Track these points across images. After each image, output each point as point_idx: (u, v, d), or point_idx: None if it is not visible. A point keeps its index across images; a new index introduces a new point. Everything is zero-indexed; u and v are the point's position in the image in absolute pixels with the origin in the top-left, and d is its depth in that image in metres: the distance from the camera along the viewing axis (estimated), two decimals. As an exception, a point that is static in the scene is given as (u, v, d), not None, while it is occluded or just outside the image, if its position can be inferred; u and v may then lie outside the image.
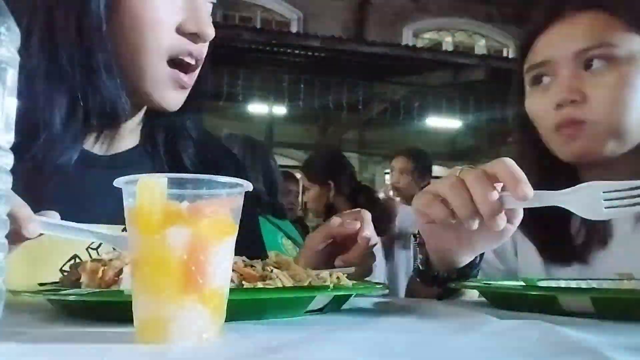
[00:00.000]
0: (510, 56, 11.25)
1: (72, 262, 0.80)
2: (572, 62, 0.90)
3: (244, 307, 0.52)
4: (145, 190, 0.43)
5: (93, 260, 0.62)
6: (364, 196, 2.95)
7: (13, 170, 0.40)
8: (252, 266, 0.61)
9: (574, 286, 0.74)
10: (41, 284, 0.64)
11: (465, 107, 9.23)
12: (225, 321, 0.45)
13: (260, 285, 0.57)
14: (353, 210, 0.86)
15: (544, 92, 0.94)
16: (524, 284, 0.75)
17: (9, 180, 0.39)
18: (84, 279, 0.59)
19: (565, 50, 0.90)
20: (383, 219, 2.89)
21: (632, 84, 0.88)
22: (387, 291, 0.67)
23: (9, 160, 0.39)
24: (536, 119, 0.97)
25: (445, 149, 11.15)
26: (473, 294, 0.88)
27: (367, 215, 0.84)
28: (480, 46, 11.72)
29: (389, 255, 3.01)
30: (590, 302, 0.58)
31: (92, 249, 0.82)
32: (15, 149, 0.40)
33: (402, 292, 1.09)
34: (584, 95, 0.88)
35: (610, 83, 0.88)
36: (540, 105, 0.95)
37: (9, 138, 0.39)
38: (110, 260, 0.61)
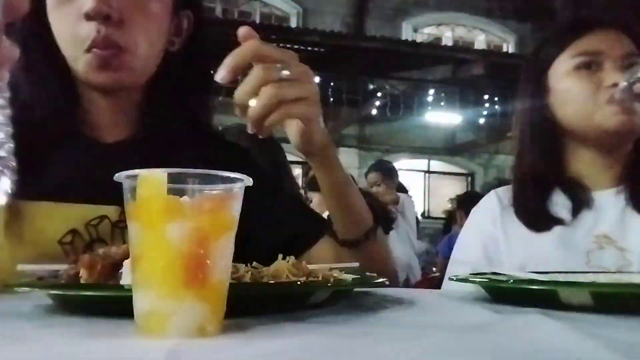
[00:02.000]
0: (510, 51, 11.24)
1: (70, 236, 0.82)
2: (618, 59, 1.13)
3: (244, 302, 0.52)
4: (145, 185, 0.43)
5: (91, 253, 0.62)
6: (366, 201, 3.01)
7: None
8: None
9: (574, 280, 0.74)
10: (40, 278, 0.64)
11: (464, 102, 9.22)
12: (226, 316, 0.45)
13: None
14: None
15: (590, 74, 1.14)
16: (525, 277, 0.75)
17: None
18: (82, 273, 0.59)
19: (614, 49, 1.14)
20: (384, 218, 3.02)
21: None
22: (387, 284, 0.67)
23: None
24: (578, 96, 1.15)
25: (444, 144, 11.15)
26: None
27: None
28: (480, 41, 11.70)
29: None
30: (590, 296, 0.58)
31: (91, 225, 0.83)
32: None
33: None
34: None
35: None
36: (590, 83, 1.13)
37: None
38: (107, 253, 0.61)
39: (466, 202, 4.14)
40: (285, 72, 0.71)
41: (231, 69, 0.70)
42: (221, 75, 0.70)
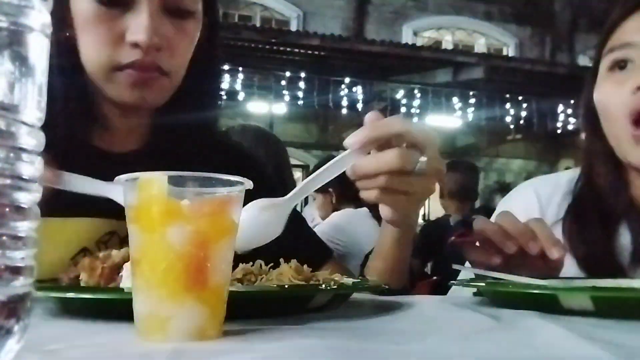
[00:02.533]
0: (510, 55, 11.26)
1: (81, 255, 0.80)
2: None
3: (245, 305, 0.52)
4: (145, 188, 0.43)
5: (91, 257, 0.62)
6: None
7: None
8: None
9: (574, 285, 0.74)
10: (40, 281, 0.64)
11: (464, 106, 9.23)
12: (226, 319, 0.45)
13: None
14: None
15: (622, 79, 0.86)
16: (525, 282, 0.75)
17: (40, 165, 0.34)
18: (82, 276, 0.59)
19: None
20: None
21: None
22: (386, 288, 0.67)
23: (40, 140, 0.34)
24: (607, 110, 0.89)
25: (445, 147, 11.15)
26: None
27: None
28: (480, 45, 11.72)
29: None
30: (590, 301, 0.58)
31: (102, 243, 0.82)
32: None
33: None
34: None
35: None
36: (615, 92, 0.87)
37: (40, 115, 0.34)
38: (107, 256, 0.61)
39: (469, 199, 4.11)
40: (421, 165, 0.67)
41: (367, 141, 0.66)
42: (353, 142, 0.65)
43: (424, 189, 0.70)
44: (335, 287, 0.60)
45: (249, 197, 0.48)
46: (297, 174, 10.75)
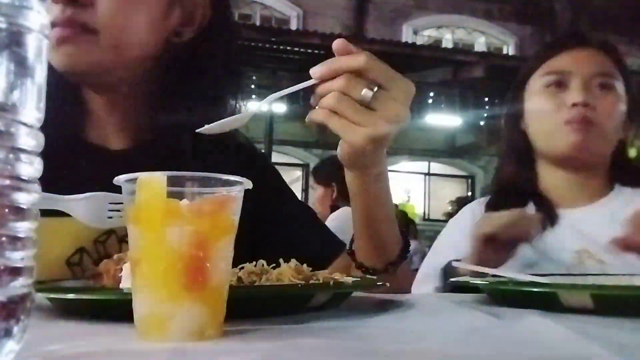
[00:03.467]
0: (510, 53, 11.25)
1: (78, 255, 0.80)
2: (586, 78, 1.17)
3: (244, 304, 0.52)
4: (144, 188, 0.43)
5: (107, 260, 0.62)
6: None
7: None
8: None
9: (574, 282, 0.74)
10: (39, 282, 0.64)
11: (464, 104, 9.23)
12: (226, 318, 0.45)
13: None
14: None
15: (557, 93, 1.18)
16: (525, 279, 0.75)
17: (39, 165, 0.34)
18: (106, 279, 0.60)
19: (584, 68, 1.18)
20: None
21: (619, 109, 1.18)
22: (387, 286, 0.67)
23: (39, 140, 0.33)
24: (541, 116, 1.20)
25: (444, 146, 11.15)
26: None
27: None
28: (480, 43, 11.71)
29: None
30: (590, 298, 0.58)
31: (99, 242, 0.81)
32: None
33: None
34: (593, 102, 1.15)
35: (610, 100, 1.17)
36: (553, 103, 1.18)
37: (39, 116, 0.33)
38: (121, 259, 0.61)
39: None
40: (367, 95, 0.68)
41: (328, 73, 0.69)
42: (317, 71, 0.69)
43: (375, 126, 0.69)
44: (333, 286, 0.60)
45: (251, 194, 0.48)
46: (297, 172, 10.76)
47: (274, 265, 0.63)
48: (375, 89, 0.68)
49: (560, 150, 1.17)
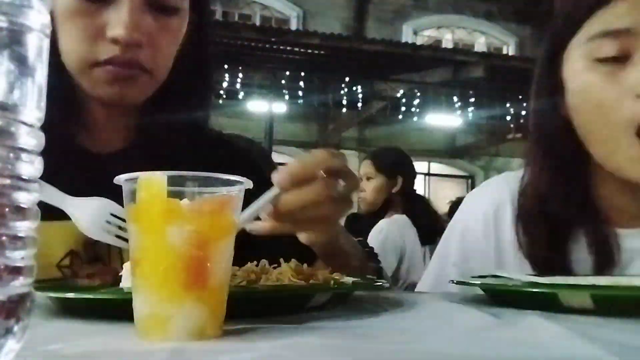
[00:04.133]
0: (510, 54, 11.26)
1: (68, 258, 0.79)
2: None
3: (245, 304, 0.52)
4: (144, 188, 0.43)
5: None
6: (420, 204, 2.86)
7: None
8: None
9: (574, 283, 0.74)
10: (39, 281, 0.64)
11: (464, 105, 9.23)
12: (226, 318, 0.45)
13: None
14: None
15: (615, 73, 0.73)
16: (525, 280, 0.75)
17: (40, 165, 0.34)
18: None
19: None
20: (434, 227, 2.82)
21: None
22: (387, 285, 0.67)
23: (40, 140, 0.33)
24: (595, 111, 0.76)
25: (444, 146, 11.15)
26: None
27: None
28: (480, 43, 11.72)
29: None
30: (590, 299, 0.58)
31: (90, 244, 0.81)
32: None
33: None
34: None
35: None
36: (609, 92, 0.73)
37: (40, 115, 0.33)
38: None
39: None
40: (340, 188, 0.67)
41: (294, 178, 0.63)
42: (281, 181, 0.62)
43: (345, 208, 0.70)
44: (334, 286, 0.60)
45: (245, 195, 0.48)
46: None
47: (275, 265, 0.63)
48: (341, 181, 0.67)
49: (626, 174, 0.75)
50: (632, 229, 0.82)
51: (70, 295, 0.55)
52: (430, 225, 2.80)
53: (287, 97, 8.69)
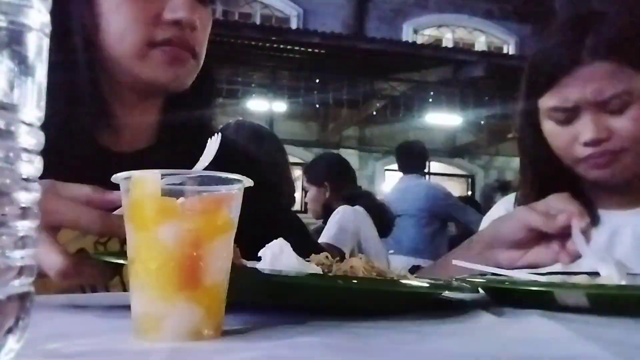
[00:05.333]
0: (511, 53, 11.25)
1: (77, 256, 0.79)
2: (595, 107, 0.98)
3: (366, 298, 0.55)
4: (138, 186, 0.43)
5: None
6: (364, 201, 2.95)
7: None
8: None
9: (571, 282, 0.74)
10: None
11: (465, 104, 9.22)
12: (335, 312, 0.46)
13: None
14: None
15: (567, 126, 1.01)
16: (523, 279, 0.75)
17: (40, 164, 0.33)
18: None
19: (590, 98, 0.97)
20: (385, 223, 2.98)
21: None
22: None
23: (40, 139, 0.33)
24: (558, 148, 1.04)
25: (445, 145, 11.14)
26: None
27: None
28: (481, 43, 11.71)
29: None
30: (586, 297, 0.59)
31: (100, 243, 0.81)
32: None
33: None
34: (610, 131, 0.98)
35: (632, 116, 0.98)
36: (564, 139, 1.02)
37: (40, 114, 0.33)
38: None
39: (467, 204, 4.12)
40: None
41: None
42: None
43: None
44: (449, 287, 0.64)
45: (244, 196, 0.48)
46: (298, 171, 10.73)
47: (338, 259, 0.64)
48: None
49: (590, 179, 1.03)
50: (614, 211, 1.07)
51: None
52: (379, 217, 2.93)
53: (287, 95, 8.68)
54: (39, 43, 0.33)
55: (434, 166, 11.59)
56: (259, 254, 0.59)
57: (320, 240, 2.68)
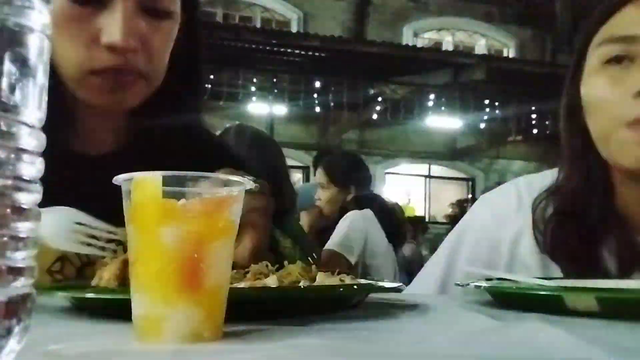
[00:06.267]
0: (511, 56, 11.27)
1: (59, 263, 0.78)
2: None
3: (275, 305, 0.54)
4: (139, 188, 0.43)
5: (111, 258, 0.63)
6: (377, 205, 2.90)
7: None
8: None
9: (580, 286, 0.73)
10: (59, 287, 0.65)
11: (465, 107, 9.24)
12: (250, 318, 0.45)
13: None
14: None
15: (619, 75, 0.78)
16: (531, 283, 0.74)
17: (41, 166, 0.33)
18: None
19: None
20: (394, 227, 2.91)
21: None
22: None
23: (41, 141, 0.33)
24: (598, 107, 0.81)
25: (445, 149, 11.15)
26: None
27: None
28: (481, 46, 11.72)
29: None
30: (596, 301, 0.58)
31: (54, 271, 0.78)
32: None
33: None
34: None
35: None
36: (612, 91, 0.79)
37: (41, 116, 0.33)
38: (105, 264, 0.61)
39: (468, 207, 4.11)
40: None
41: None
42: None
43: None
44: (365, 288, 0.62)
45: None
46: (298, 175, 10.75)
47: (278, 266, 0.63)
48: None
49: (624, 165, 0.79)
50: None
51: (90, 296, 0.55)
52: (389, 223, 2.86)
53: (287, 99, 8.70)
54: (40, 44, 0.33)
55: (435, 169, 11.60)
56: None
57: (327, 247, 2.68)
